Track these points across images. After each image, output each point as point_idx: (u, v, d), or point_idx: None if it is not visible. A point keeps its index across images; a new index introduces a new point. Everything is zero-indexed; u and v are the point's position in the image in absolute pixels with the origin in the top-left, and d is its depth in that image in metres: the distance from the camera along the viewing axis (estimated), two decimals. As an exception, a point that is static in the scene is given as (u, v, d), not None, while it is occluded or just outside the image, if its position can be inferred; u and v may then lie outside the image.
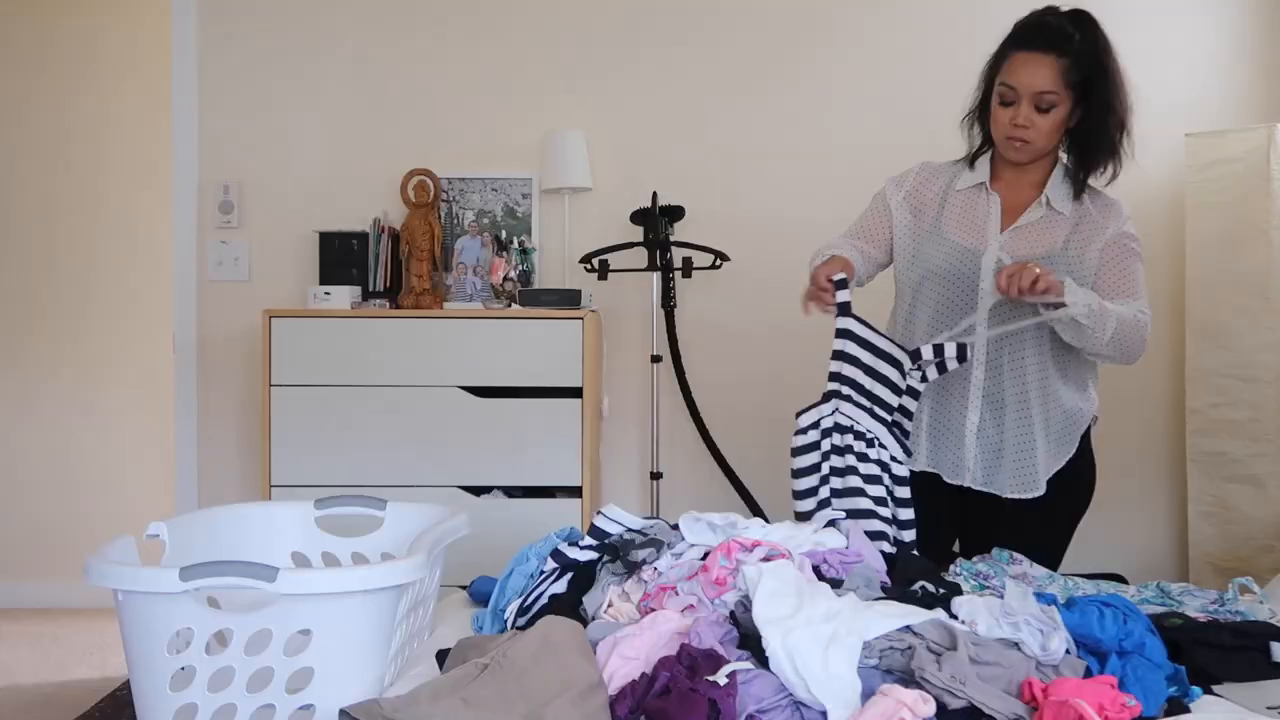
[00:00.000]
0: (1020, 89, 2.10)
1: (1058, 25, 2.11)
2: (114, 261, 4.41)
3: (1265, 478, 3.16)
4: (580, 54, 3.61)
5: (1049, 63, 2.08)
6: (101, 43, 4.40)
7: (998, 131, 2.17)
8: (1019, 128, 2.12)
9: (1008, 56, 2.13)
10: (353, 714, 1.36)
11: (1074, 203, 2.22)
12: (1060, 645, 1.46)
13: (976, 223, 2.23)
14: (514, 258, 3.46)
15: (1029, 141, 2.14)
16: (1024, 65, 2.10)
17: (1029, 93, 2.10)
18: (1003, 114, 2.14)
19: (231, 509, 2.02)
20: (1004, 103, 2.13)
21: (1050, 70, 2.08)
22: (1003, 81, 2.12)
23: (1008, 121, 2.13)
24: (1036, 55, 2.09)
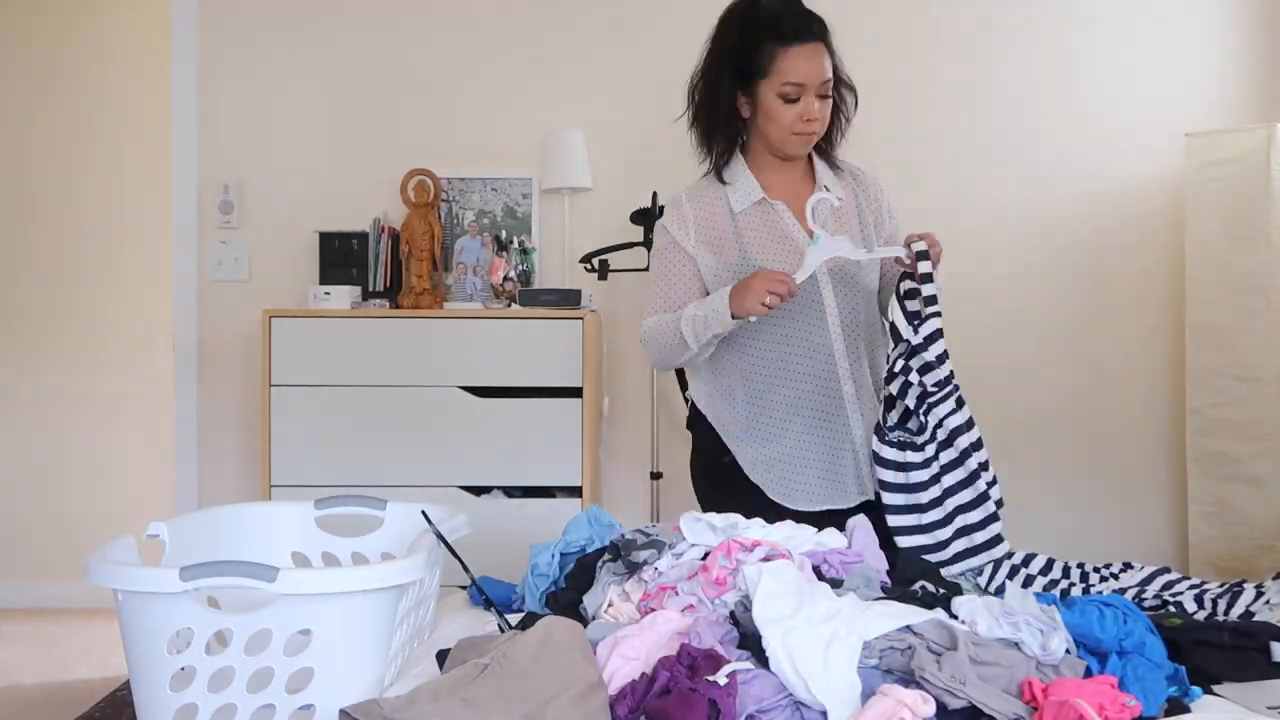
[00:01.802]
0: (807, 82, 2.06)
1: (807, 13, 2.08)
2: (114, 261, 4.41)
3: (1265, 478, 3.16)
4: (580, 54, 3.61)
5: (821, 51, 2.07)
6: (101, 43, 4.40)
7: (780, 130, 2.09)
8: (810, 121, 2.08)
9: (776, 54, 2.05)
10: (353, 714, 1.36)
11: (839, 184, 2.22)
12: (1060, 645, 1.46)
13: (782, 242, 2.15)
14: (514, 258, 3.46)
15: (817, 132, 2.12)
16: (804, 59, 2.05)
17: (815, 84, 2.06)
18: (787, 111, 2.07)
19: (231, 509, 2.01)
20: (788, 100, 2.07)
21: (824, 59, 2.07)
22: (787, 81, 2.05)
23: (796, 118, 2.08)
24: (812, 47, 2.06)
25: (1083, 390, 3.59)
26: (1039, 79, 3.57)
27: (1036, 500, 3.53)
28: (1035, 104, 3.57)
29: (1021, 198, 3.56)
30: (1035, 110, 3.56)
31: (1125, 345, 3.59)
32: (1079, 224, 3.57)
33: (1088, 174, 3.58)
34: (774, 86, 2.07)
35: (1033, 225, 3.60)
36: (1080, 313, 3.58)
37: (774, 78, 2.07)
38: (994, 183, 3.56)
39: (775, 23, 2.06)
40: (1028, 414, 3.56)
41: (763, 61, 2.07)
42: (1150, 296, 3.59)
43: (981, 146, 3.57)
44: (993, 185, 3.56)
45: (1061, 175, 3.57)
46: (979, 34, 3.57)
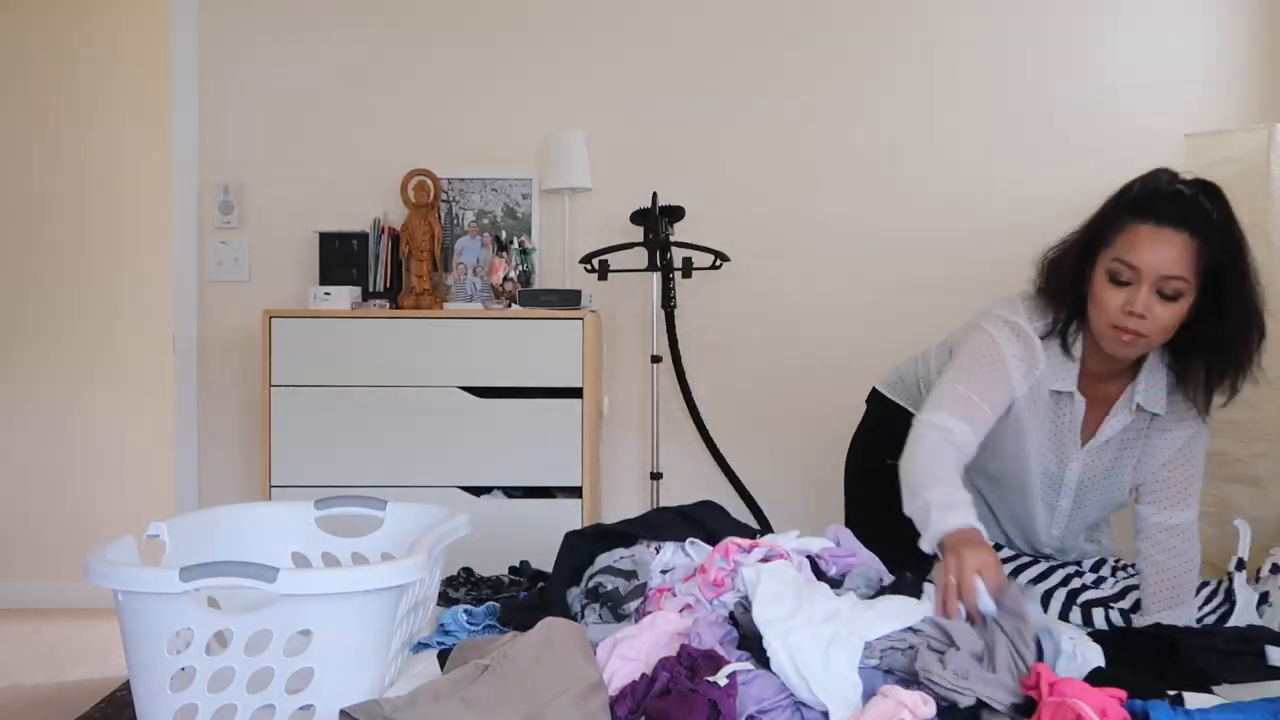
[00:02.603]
0: (1143, 269, 1.72)
1: (1193, 198, 1.74)
2: (114, 262, 4.41)
3: (1265, 478, 3.16)
4: (580, 54, 3.61)
5: (1181, 242, 1.71)
6: (101, 43, 4.40)
7: (1103, 317, 1.77)
8: (1133, 316, 1.73)
9: (1126, 227, 1.75)
10: (353, 714, 1.36)
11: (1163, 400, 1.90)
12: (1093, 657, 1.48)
13: (1059, 437, 1.95)
14: (514, 258, 3.46)
15: (1142, 335, 1.75)
16: (1151, 242, 1.71)
17: (1153, 275, 1.72)
18: (1114, 296, 1.75)
19: (232, 509, 2.01)
20: (1117, 282, 1.75)
21: (1182, 251, 1.70)
22: (1119, 258, 1.74)
23: (1119, 307, 1.74)
24: (1167, 231, 1.71)
25: (1083, 390, 3.59)
26: (1038, 80, 3.57)
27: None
28: (1035, 105, 3.57)
29: (1021, 198, 3.56)
30: (1035, 111, 3.56)
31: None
32: (1079, 224, 3.56)
33: (1087, 174, 3.58)
34: (1107, 261, 1.77)
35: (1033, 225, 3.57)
36: (1080, 313, 3.58)
37: (1110, 249, 1.77)
38: (994, 183, 3.56)
39: (1151, 198, 1.76)
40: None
41: (1110, 230, 1.78)
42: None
43: (981, 147, 3.57)
44: (993, 186, 3.56)
45: (1061, 175, 3.56)
46: (979, 35, 3.57)
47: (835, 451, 2.50)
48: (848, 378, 2.55)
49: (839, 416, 2.53)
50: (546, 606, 1.79)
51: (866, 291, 3.55)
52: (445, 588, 2.09)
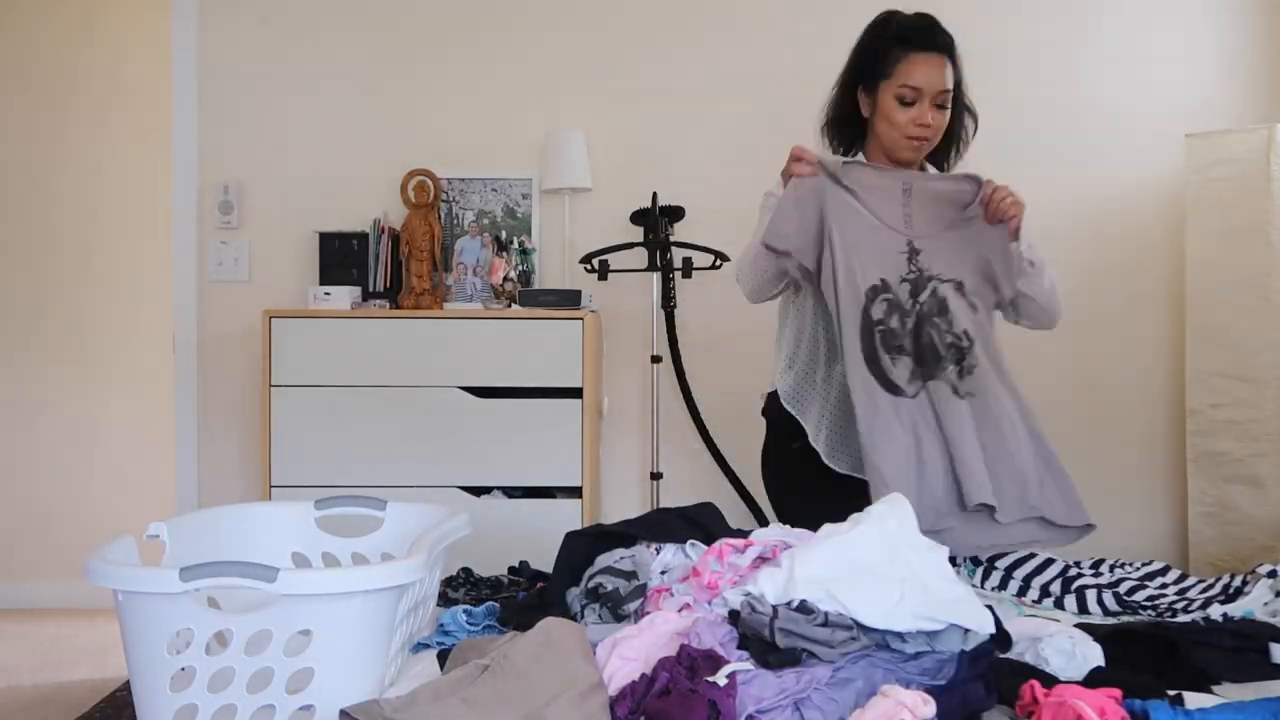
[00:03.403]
0: (925, 89, 2.12)
1: (939, 28, 2.16)
2: (114, 262, 4.41)
3: (1265, 478, 3.16)
4: (580, 54, 3.61)
5: (943, 62, 2.13)
6: (101, 43, 4.40)
7: (895, 133, 2.16)
8: (923, 127, 2.14)
9: (901, 58, 2.13)
10: (353, 714, 1.36)
11: None
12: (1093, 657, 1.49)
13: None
14: (514, 258, 3.46)
15: (929, 140, 2.17)
16: (926, 66, 2.11)
17: (932, 92, 2.12)
18: (902, 114, 2.14)
19: (232, 509, 2.01)
20: (904, 103, 2.13)
21: (946, 70, 2.13)
22: (905, 84, 2.12)
23: (909, 121, 2.14)
24: (934, 56, 2.12)
25: (1082, 390, 3.59)
26: (1038, 80, 3.57)
27: (1036, 500, 3.53)
28: (1035, 105, 3.57)
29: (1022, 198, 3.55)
30: (1035, 111, 3.56)
31: (1125, 345, 3.59)
32: (1079, 224, 3.57)
33: (1088, 175, 3.58)
34: (892, 88, 2.13)
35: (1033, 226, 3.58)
36: (1080, 313, 3.57)
37: (894, 79, 2.13)
38: (994, 183, 3.55)
39: (905, 31, 2.15)
40: (1028, 414, 3.55)
41: (887, 64, 2.14)
42: (1150, 297, 3.59)
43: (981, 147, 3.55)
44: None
45: (1061, 176, 3.56)
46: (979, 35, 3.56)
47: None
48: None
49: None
50: (546, 606, 1.79)
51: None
52: (445, 588, 2.10)
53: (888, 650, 1.51)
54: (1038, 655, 1.52)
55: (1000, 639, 1.56)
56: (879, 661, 1.48)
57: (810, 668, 1.45)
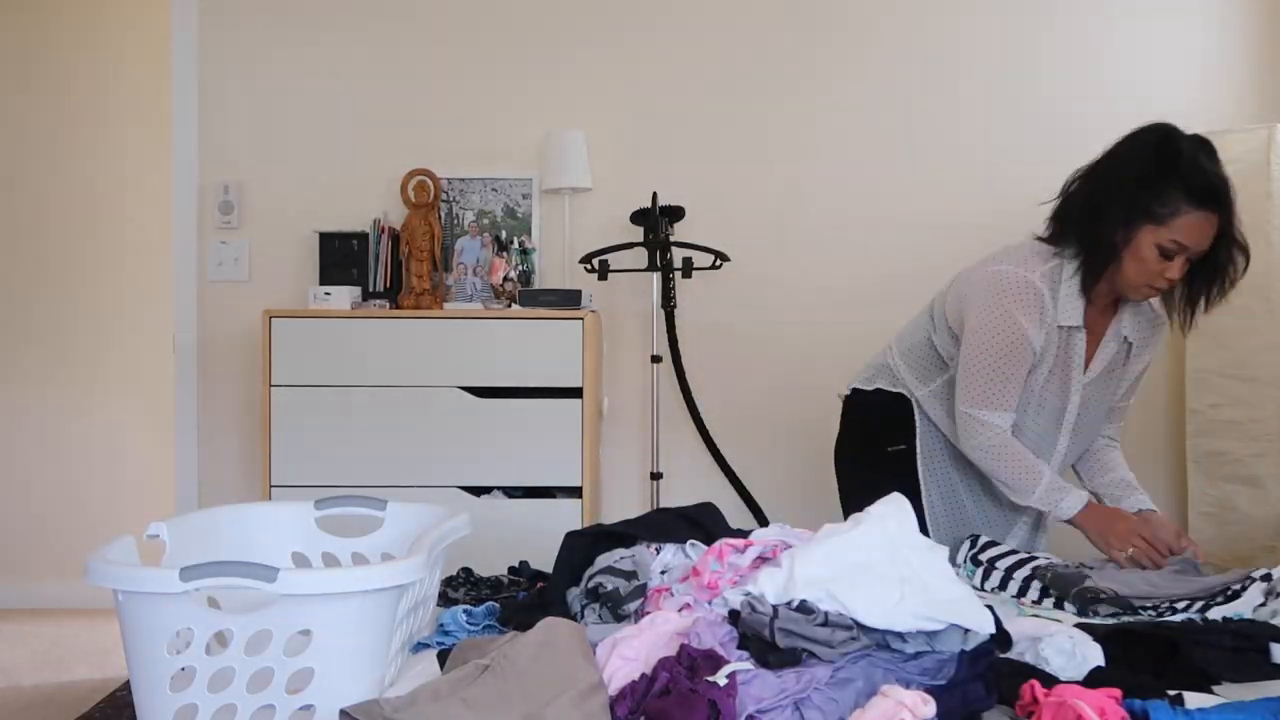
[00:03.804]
0: (1191, 248, 2.01)
1: (1225, 180, 2.02)
2: (114, 262, 4.41)
3: (1265, 478, 3.16)
4: (580, 54, 3.61)
5: (1216, 220, 2.02)
6: (101, 43, 4.40)
7: (1141, 277, 2.05)
8: (1169, 281, 2.05)
9: (1180, 212, 1.99)
10: (353, 714, 1.36)
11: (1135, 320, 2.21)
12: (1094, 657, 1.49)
13: (1061, 372, 2.18)
14: (514, 258, 3.46)
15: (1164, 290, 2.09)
16: (1202, 228, 2.00)
17: (1195, 251, 2.02)
18: (1157, 265, 2.03)
19: (232, 509, 2.01)
20: (1165, 255, 2.02)
21: (1216, 227, 2.02)
22: (1175, 239, 2.00)
23: (1159, 274, 2.03)
24: (1212, 216, 2.01)
25: (1083, 390, 3.59)
26: (1039, 80, 3.57)
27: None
28: (1035, 105, 3.56)
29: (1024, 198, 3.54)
30: (1035, 111, 3.56)
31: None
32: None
33: (1088, 174, 3.58)
34: (1158, 237, 2.01)
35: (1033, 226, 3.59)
36: (1080, 313, 3.58)
37: (1163, 230, 2.01)
38: (996, 184, 3.56)
39: (1194, 176, 1.99)
40: (1028, 414, 3.56)
41: (1163, 211, 2.00)
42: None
43: (983, 148, 3.57)
44: (995, 187, 3.56)
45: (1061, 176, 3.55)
46: (979, 35, 3.57)
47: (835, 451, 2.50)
48: (848, 377, 2.55)
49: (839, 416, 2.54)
50: (546, 606, 1.79)
51: (867, 291, 3.55)
52: (445, 588, 2.10)
53: (888, 650, 1.51)
54: (1038, 655, 1.52)
55: (1000, 639, 1.56)
56: (879, 661, 1.48)
57: (810, 668, 1.45)
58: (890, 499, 1.70)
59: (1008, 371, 2.11)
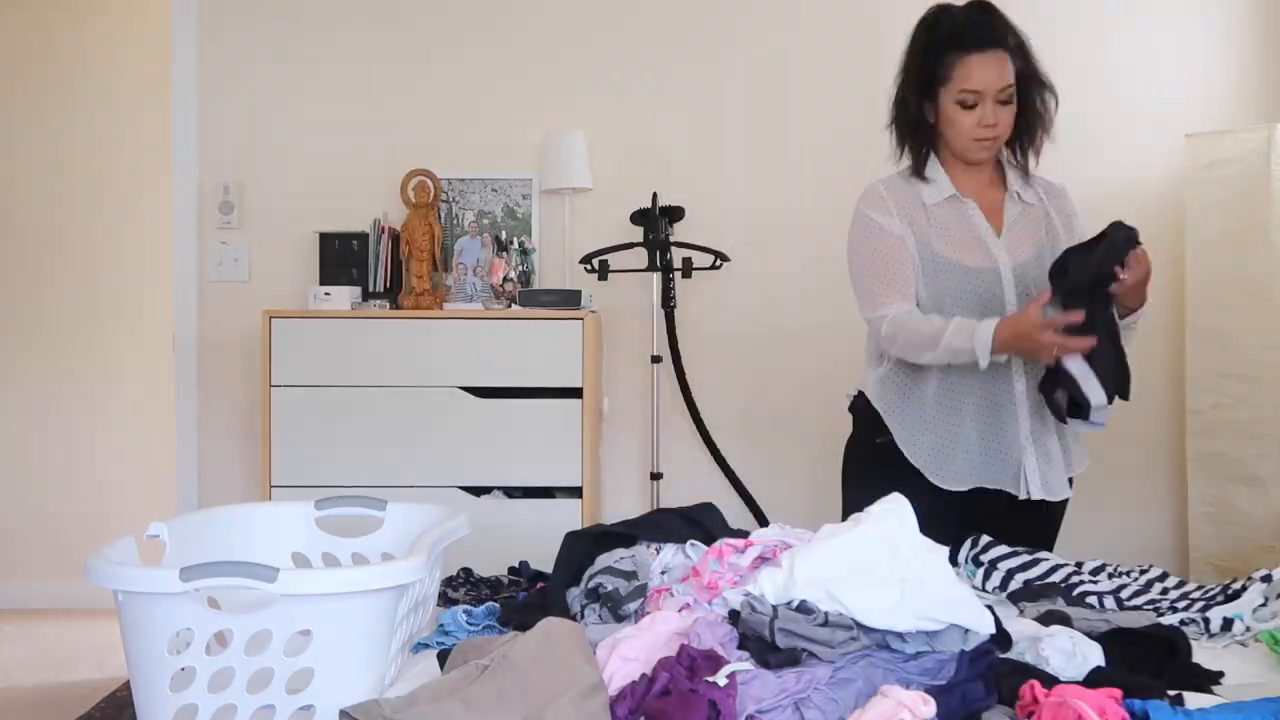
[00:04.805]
0: (985, 91, 2.10)
1: (994, 23, 2.13)
2: (114, 262, 4.41)
3: (1266, 478, 3.16)
4: (580, 54, 3.61)
5: (1000, 57, 2.11)
6: (101, 43, 4.40)
7: (960, 136, 2.15)
8: (989, 128, 2.13)
9: (956, 62, 2.11)
10: (353, 714, 1.36)
11: (1033, 191, 2.27)
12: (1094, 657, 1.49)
13: (970, 239, 2.20)
14: (514, 258, 3.46)
15: (998, 138, 2.16)
16: (981, 67, 2.10)
17: (992, 92, 2.11)
18: (965, 118, 2.13)
19: (232, 509, 2.01)
20: (966, 107, 2.12)
21: (1004, 65, 2.11)
22: (963, 88, 2.11)
23: (974, 124, 2.13)
24: (989, 55, 2.10)
25: (1083, 390, 3.59)
26: (1039, 79, 3.57)
27: (1036, 500, 3.53)
28: (1035, 104, 3.56)
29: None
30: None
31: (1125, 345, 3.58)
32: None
33: (1088, 175, 3.57)
34: (952, 94, 2.12)
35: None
36: (1080, 313, 3.58)
37: (952, 85, 2.12)
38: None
39: (956, 32, 2.12)
40: (1028, 414, 3.56)
41: (943, 70, 2.12)
42: (1150, 297, 3.58)
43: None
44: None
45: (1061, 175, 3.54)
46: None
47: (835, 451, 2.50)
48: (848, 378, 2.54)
49: (839, 416, 2.53)
50: (546, 606, 1.79)
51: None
52: (445, 588, 2.09)
53: (888, 650, 1.51)
54: (1038, 655, 1.52)
55: (1000, 639, 1.56)
56: (879, 661, 1.48)
57: (810, 668, 1.45)
58: (890, 499, 1.70)
59: (882, 265, 2.18)
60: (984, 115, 2.12)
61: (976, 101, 2.11)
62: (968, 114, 2.13)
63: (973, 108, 2.12)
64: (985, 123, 2.12)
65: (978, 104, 2.11)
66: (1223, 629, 1.77)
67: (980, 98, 2.11)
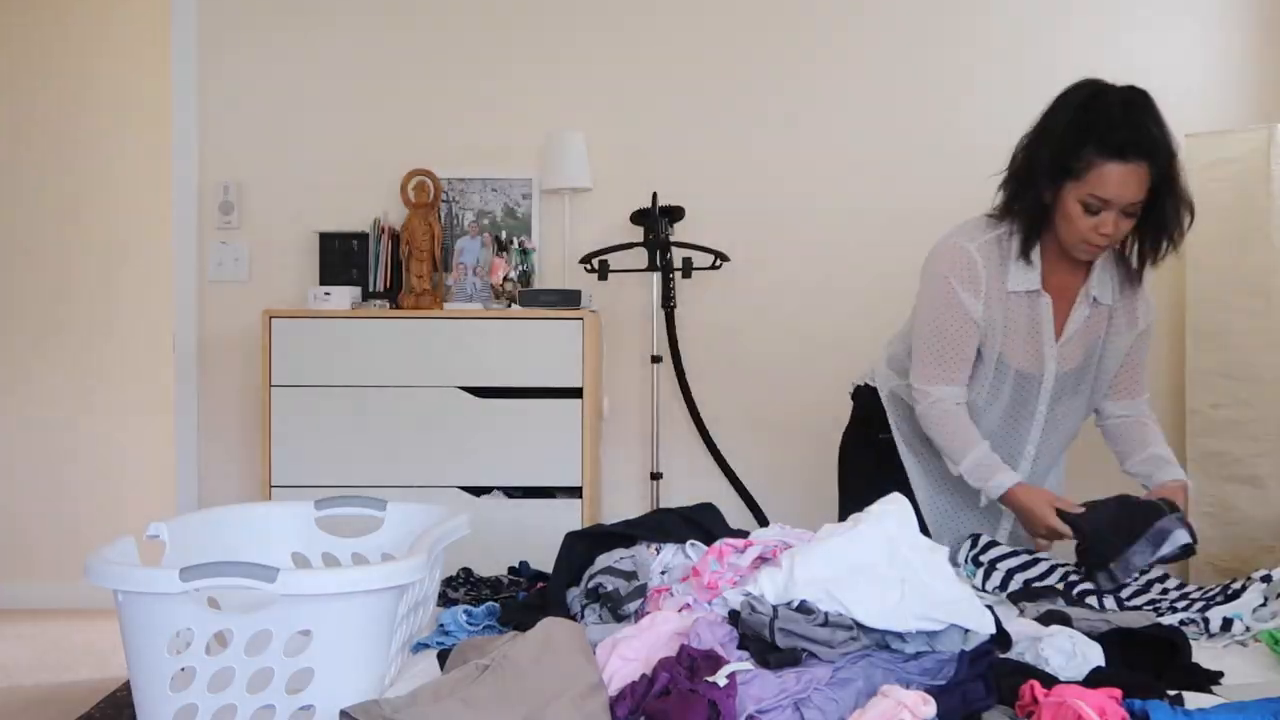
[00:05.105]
0: (1114, 201, 1.96)
1: (1147, 131, 1.96)
2: (114, 262, 4.41)
3: (1266, 478, 3.16)
4: (580, 54, 3.61)
5: (1143, 172, 1.95)
6: (101, 42, 4.40)
7: (1073, 235, 2.02)
8: (1104, 236, 1.99)
9: (1095, 165, 1.95)
10: (353, 714, 1.36)
11: (1113, 292, 2.17)
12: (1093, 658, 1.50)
13: (1030, 337, 2.14)
14: (514, 258, 3.46)
15: (1109, 247, 2.06)
16: (1120, 180, 1.94)
17: (1121, 204, 1.97)
18: (1085, 222, 1.99)
19: (231, 509, 2.01)
20: (1089, 211, 1.98)
21: (1144, 179, 1.95)
22: (1094, 194, 1.96)
23: (1091, 229, 1.99)
24: (1132, 166, 1.94)
25: (1083, 390, 3.59)
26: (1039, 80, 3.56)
27: (1036, 500, 3.53)
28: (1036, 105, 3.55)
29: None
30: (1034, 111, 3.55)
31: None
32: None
33: (1088, 174, 3.58)
34: (1079, 193, 1.98)
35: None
36: (1080, 313, 3.58)
37: (1082, 185, 1.97)
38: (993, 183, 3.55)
39: (1107, 130, 1.96)
40: (1028, 414, 3.56)
41: (1078, 166, 1.97)
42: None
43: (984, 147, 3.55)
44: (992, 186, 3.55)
45: (1061, 175, 3.56)
46: (980, 36, 3.57)
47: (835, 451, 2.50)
48: (848, 377, 2.55)
49: (839, 416, 2.53)
50: (546, 606, 1.79)
51: (867, 291, 3.55)
52: (445, 588, 2.10)
53: (888, 650, 1.51)
54: (1038, 655, 1.53)
55: (1000, 639, 1.56)
56: (879, 661, 1.48)
57: (810, 668, 1.45)
58: (890, 499, 1.70)
59: (948, 342, 2.12)
60: (1103, 223, 1.98)
61: (1101, 209, 1.97)
62: (1088, 218, 1.99)
63: (1096, 213, 1.98)
64: (1103, 230, 1.98)
65: (1101, 211, 1.98)
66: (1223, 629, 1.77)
67: (1106, 206, 1.97)
